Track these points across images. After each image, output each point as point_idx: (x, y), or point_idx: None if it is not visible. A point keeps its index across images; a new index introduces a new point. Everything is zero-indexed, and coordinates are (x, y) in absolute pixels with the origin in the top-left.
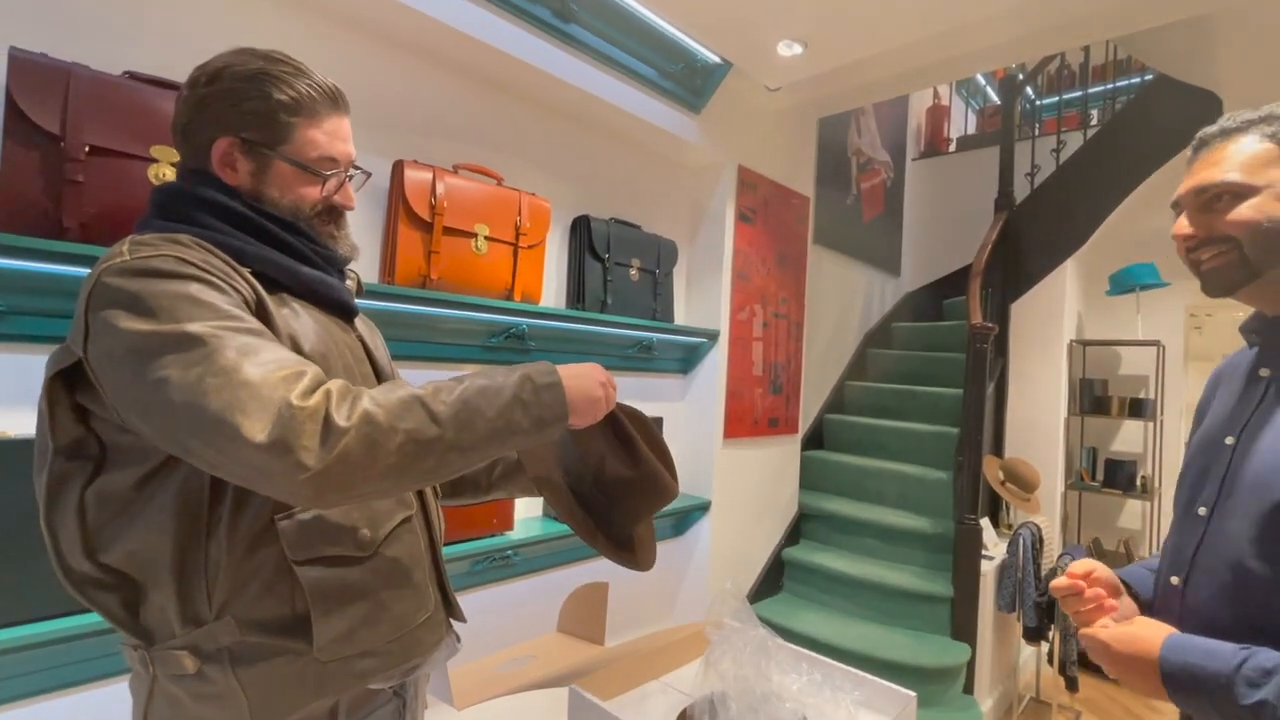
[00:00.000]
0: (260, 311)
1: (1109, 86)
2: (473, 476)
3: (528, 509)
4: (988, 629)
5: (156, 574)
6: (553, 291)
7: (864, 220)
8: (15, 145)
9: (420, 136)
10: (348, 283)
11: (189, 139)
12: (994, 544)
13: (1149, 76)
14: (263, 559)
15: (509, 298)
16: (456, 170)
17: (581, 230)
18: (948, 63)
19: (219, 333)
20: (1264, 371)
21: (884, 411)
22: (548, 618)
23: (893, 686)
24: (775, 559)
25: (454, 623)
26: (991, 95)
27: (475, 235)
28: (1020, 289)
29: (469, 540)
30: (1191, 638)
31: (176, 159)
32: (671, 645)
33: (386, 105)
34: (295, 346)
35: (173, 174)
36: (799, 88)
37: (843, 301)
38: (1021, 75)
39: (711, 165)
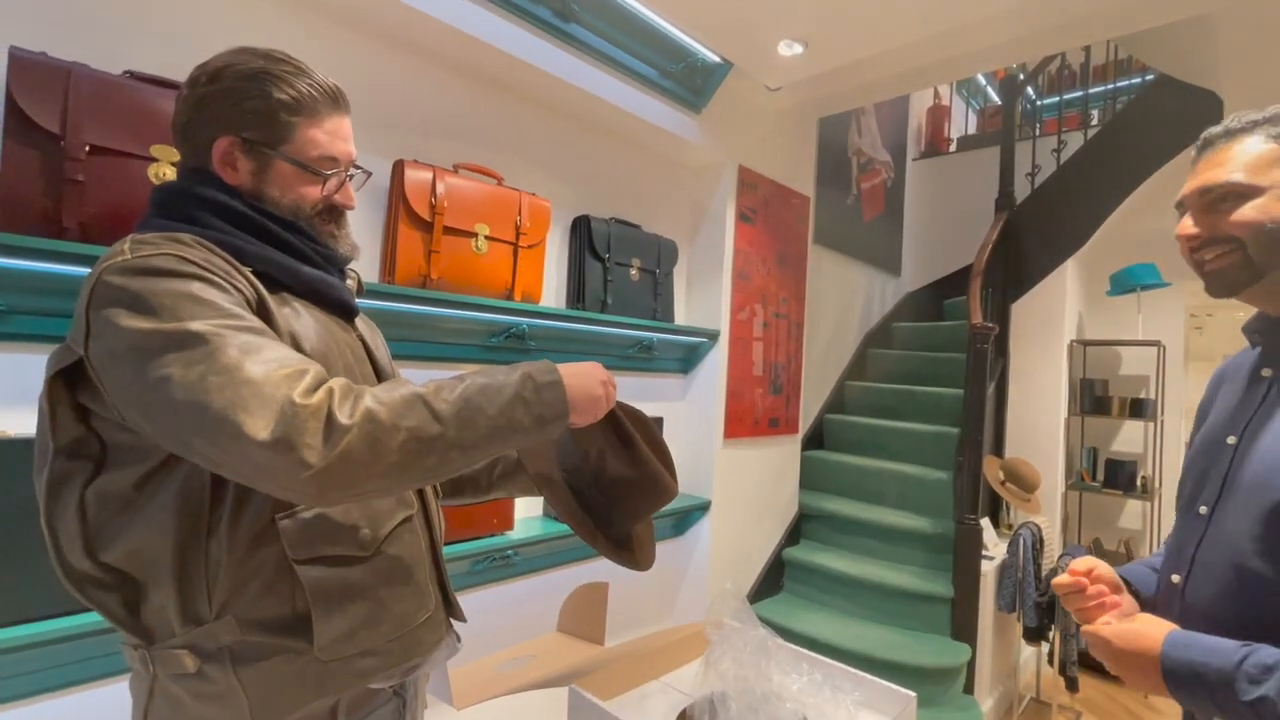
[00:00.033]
0: (261, 310)
1: (1110, 86)
2: (473, 476)
3: (528, 509)
4: (988, 629)
5: (157, 573)
6: (553, 291)
7: (864, 220)
8: (15, 144)
9: (420, 136)
10: (348, 282)
11: (189, 138)
12: (994, 544)
13: (1150, 76)
14: (263, 558)
15: (509, 297)
16: (457, 170)
17: (582, 230)
18: (948, 63)
19: (221, 331)
20: (1266, 371)
21: (884, 411)
22: (548, 618)
23: (893, 686)
24: (775, 559)
25: (454, 622)
26: (992, 95)
27: (475, 235)
28: (1021, 289)
29: (469, 540)
30: (1193, 634)
31: (177, 158)
32: (671, 645)
33: (387, 105)
34: (296, 346)
35: (173, 173)
36: (799, 87)
37: (843, 301)
38: (1022, 75)
39: (712, 165)
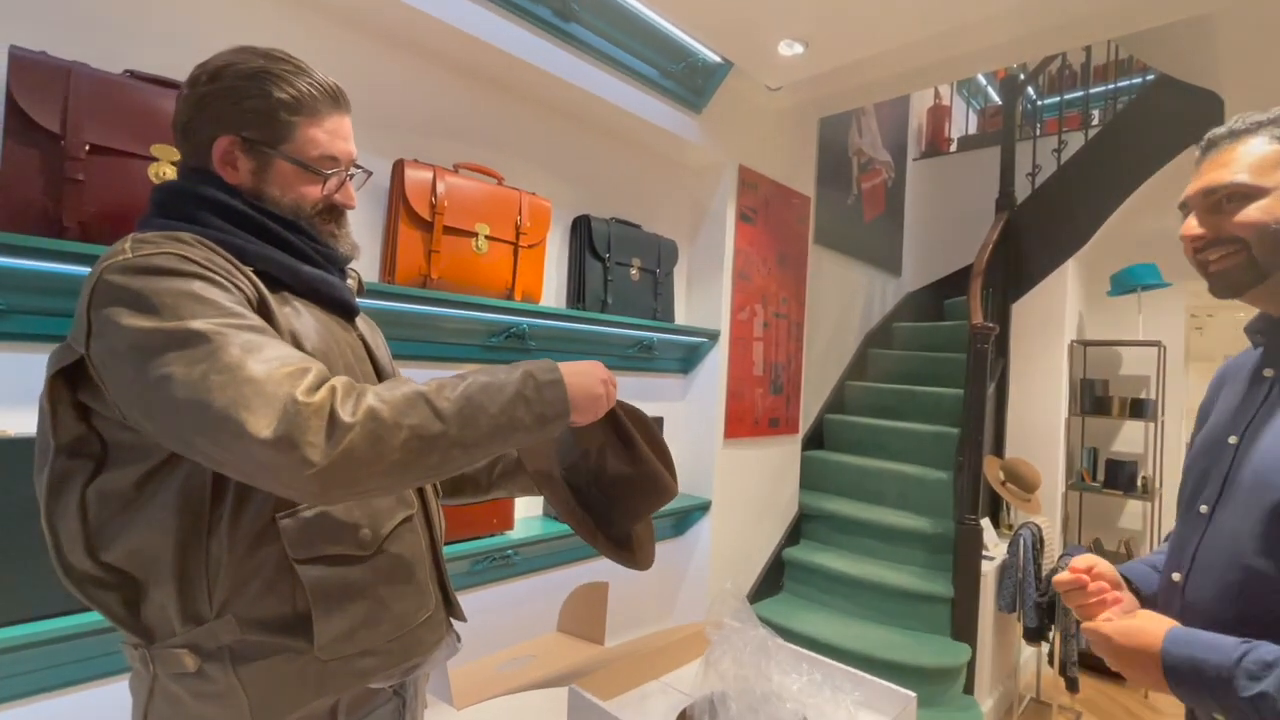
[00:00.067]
0: (262, 309)
1: (1110, 86)
2: (473, 475)
3: (528, 509)
4: (988, 629)
5: (157, 572)
6: (553, 291)
7: (865, 220)
8: (15, 144)
9: (421, 136)
10: (349, 282)
11: (190, 137)
12: (994, 544)
13: (1150, 76)
14: (264, 557)
15: (509, 297)
16: (457, 169)
17: (582, 230)
18: (948, 63)
19: (223, 330)
20: (1268, 372)
21: (884, 411)
22: (548, 617)
23: (893, 687)
24: (775, 559)
25: (454, 622)
26: (993, 95)
27: (476, 235)
28: (1021, 289)
29: (469, 540)
30: (1193, 631)
31: (177, 158)
32: (671, 645)
33: (387, 104)
34: (297, 345)
35: (173, 173)
36: (800, 87)
37: (843, 301)
38: (1023, 75)
39: (712, 165)
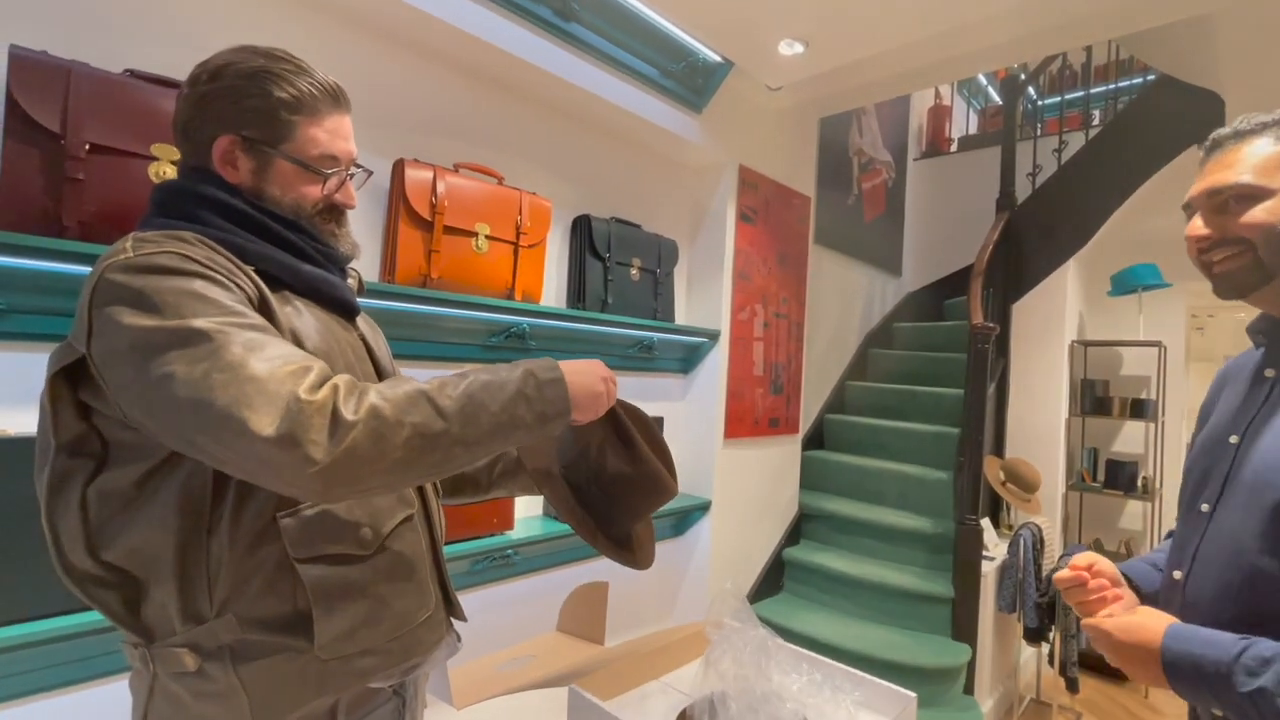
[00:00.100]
0: (263, 309)
1: (1111, 86)
2: (473, 475)
3: (528, 508)
4: (988, 630)
5: (158, 571)
6: (553, 291)
7: (865, 220)
8: (15, 143)
9: (421, 135)
10: (349, 281)
11: (190, 137)
12: (994, 544)
13: (1151, 76)
14: (264, 556)
15: (509, 297)
16: (457, 169)
17: (582, 229)
18: (949, 62)
19: (224, 328)
20: (1269, 372)
21: (885, 411)
22: (547, 617)
23: (893, 687)
24: (775, 559)
25: (454, 622)
26: (993, 95)
27: (476, 234)
28: (1022, 289)
29: (469, 539)
30: (1193, 627)
31: (177, 157)
32: (671, 645)
33: (387, 104)
34: (297, 344)
35: (173, 172)
36: (800, 87)
37: (844, 301)
38: (1023, 75)
39: (712, 165)
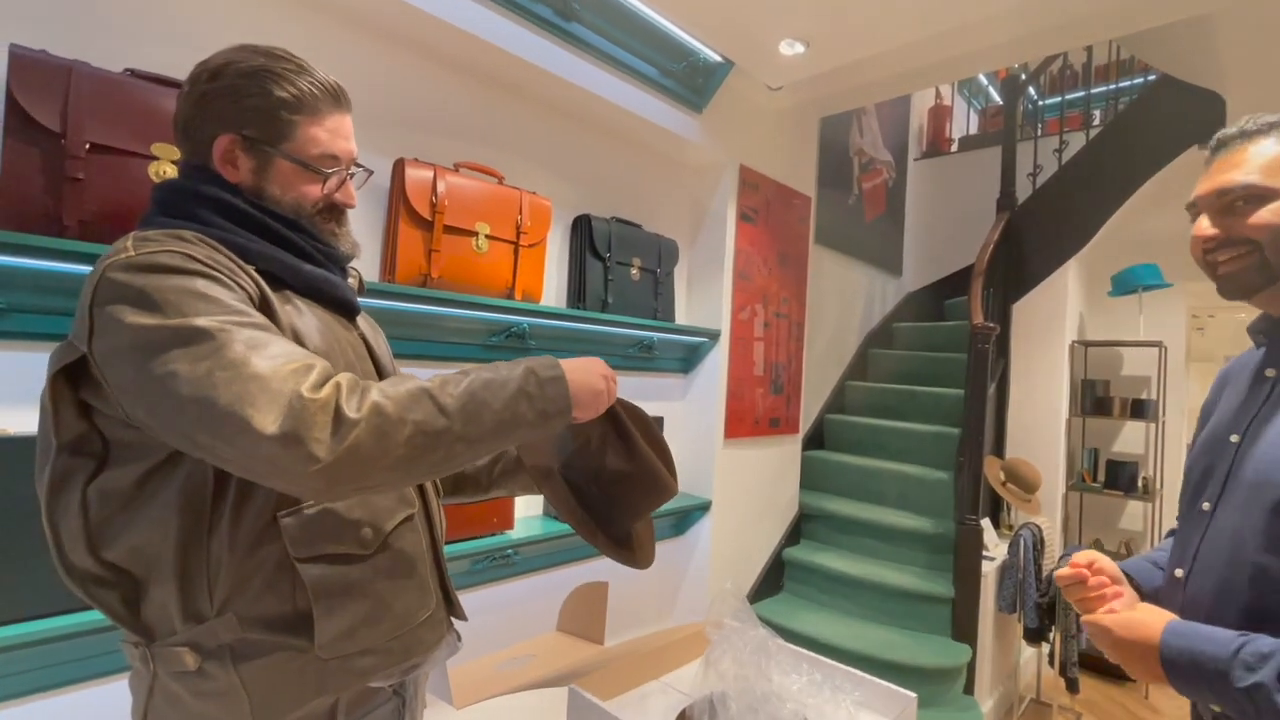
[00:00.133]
0: (264, 308)
1: (1112, 86)
2: (473, 474)
3: (528, 508)
4: (988, 630)
5: (158, 570)
6: (553, 291)
7: (866, 220)
8: (16, 142)
9: (421, 135)
10: (349, 280)
11: (190, 136)
12: (995, 545)
13: (1152, 76)
14: (265, 556)
15: (510, 297)
16: (457, 169)
17: (582, 229)
18: (949, 62)
19: (227, 327)
20: (1270, 372)
21: (885, 411)
22: (547, 617)
23: (893, 687)
24: (775, 559)
25: (454, 621)
26: (994, 95)
27: (476, 234)
28: (1022, 289)
29: (469, 539)
30: (1192, 624)
31: (177, 156)
32: (671, 645)
33: (388, 103)
34: (298, 343)
35: (174, 171)
36: (801, 87)
37: (844, 301)
38: (1024, 75)
39: (713, 164)
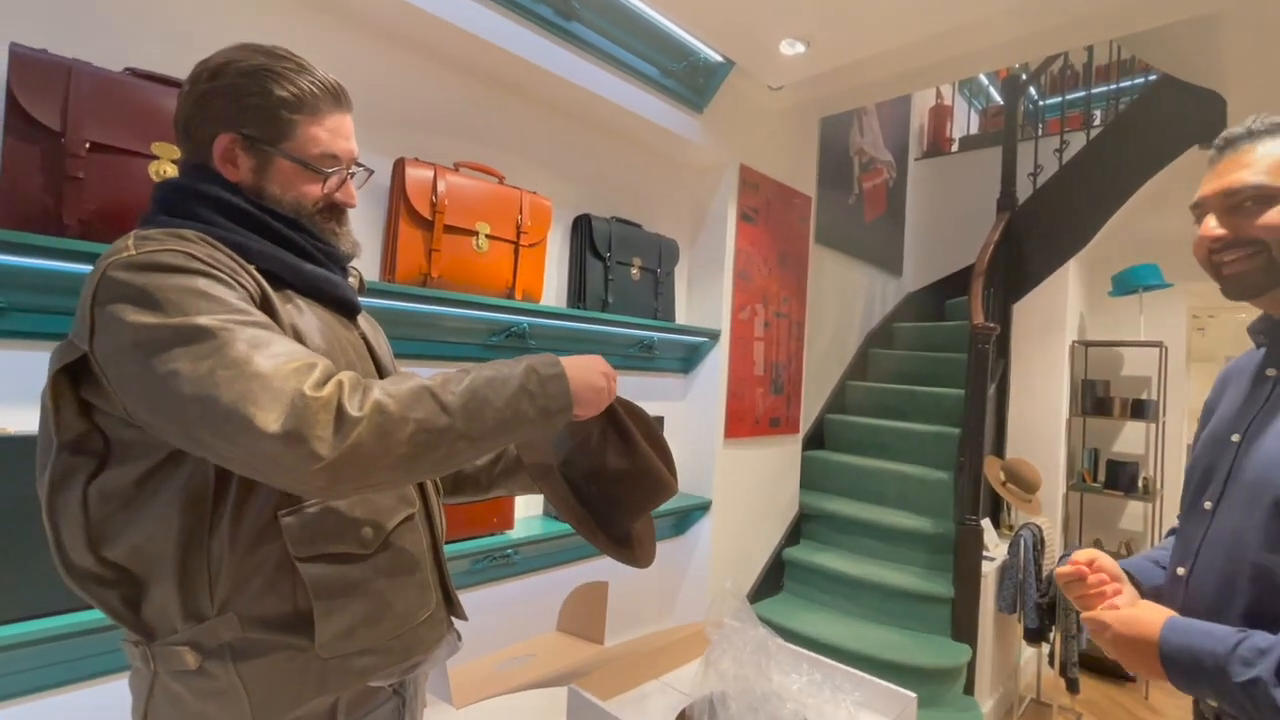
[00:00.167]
0: (265, 307)
1: (1112, 86)
2: (473, 474)
3: (528, 508)
4: (988, 630)
5: (159, 569)
6: (554, 290)
7: (866, 220)
8: (16, 141)
9: (421, 134)
10: (350, 280)
11: (190, 135)
12: (995, 545)
13: (1153, 76)
14: (265, 555)
15: (510, 296)
16: (458, 168)
17: (583, 229)
18: (950, 62)
19: (228, 326)
20: (1271, 371)
21: (885, 411)
22: (547, 617)
23: (893, 687)
24: (775, 559)
25: (455, 621)
26: (994, 95)
27: (476, 233)
28: (1022, 289)
29: (469, 539)
30: (1192, 621)
31: (178, 155)
32: (671, 645)
33: (388, 103)
34: (299, 342)
35: (174, 170)
36: (801, 87)
37: (844, 301)
38: (1025, 75)
39: (713, 164)
